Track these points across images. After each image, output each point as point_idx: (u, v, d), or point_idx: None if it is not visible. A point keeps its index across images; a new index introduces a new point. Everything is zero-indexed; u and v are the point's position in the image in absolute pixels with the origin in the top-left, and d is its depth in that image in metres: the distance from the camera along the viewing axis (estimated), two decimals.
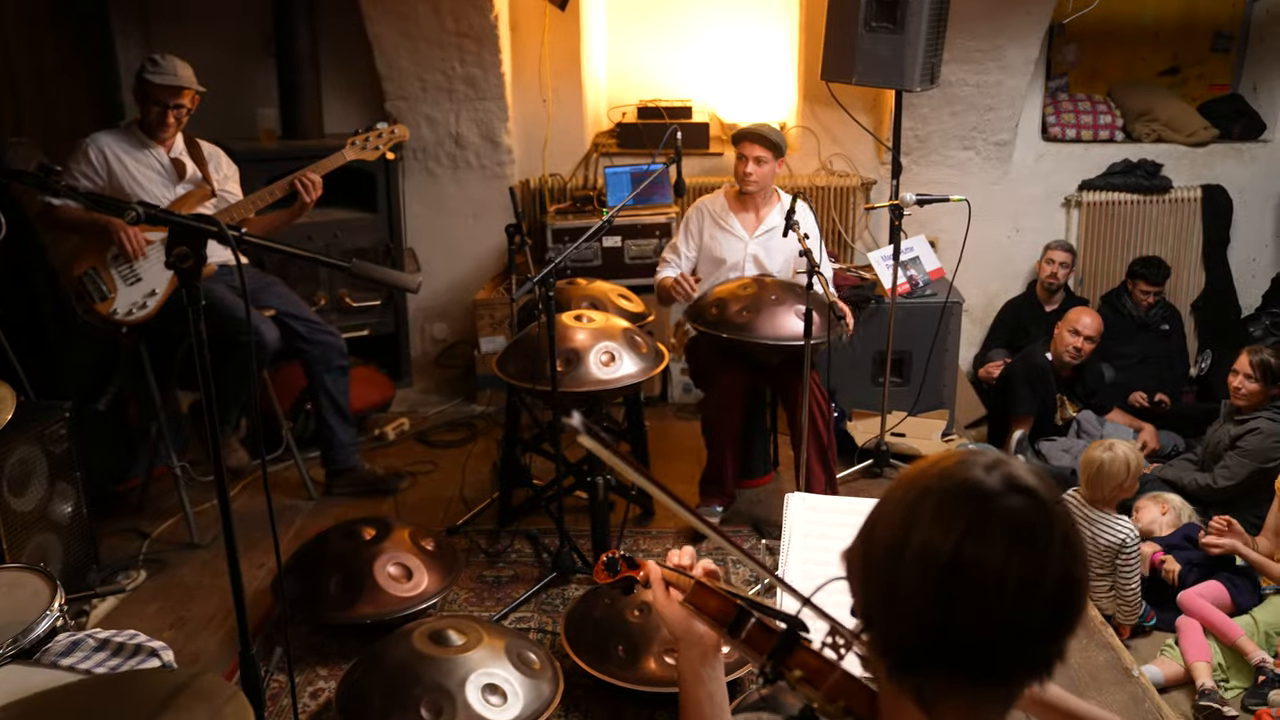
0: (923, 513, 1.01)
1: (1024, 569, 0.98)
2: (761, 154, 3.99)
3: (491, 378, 5.09)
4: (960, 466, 1.04)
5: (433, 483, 4.40)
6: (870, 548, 1.07)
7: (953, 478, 1.03)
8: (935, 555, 0.99)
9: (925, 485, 1.04)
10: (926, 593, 0.99)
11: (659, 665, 2.86)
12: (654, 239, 5.13)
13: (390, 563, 3.27)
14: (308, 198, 3.74)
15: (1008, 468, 1.03)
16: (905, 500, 1.04)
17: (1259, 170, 5.67)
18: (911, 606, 1.01)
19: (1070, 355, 4.69)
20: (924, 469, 1.07)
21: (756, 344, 3.74)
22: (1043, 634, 1.01)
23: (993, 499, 1.00)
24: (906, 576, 1.01)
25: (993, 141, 5.52)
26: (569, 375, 3.45)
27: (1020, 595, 0.98)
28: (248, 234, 1.41)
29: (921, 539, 1.00)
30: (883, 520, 1.07)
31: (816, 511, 2.03)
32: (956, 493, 1.01)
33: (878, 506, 1.10)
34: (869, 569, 1.07)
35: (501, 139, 5.43)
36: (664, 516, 4.11)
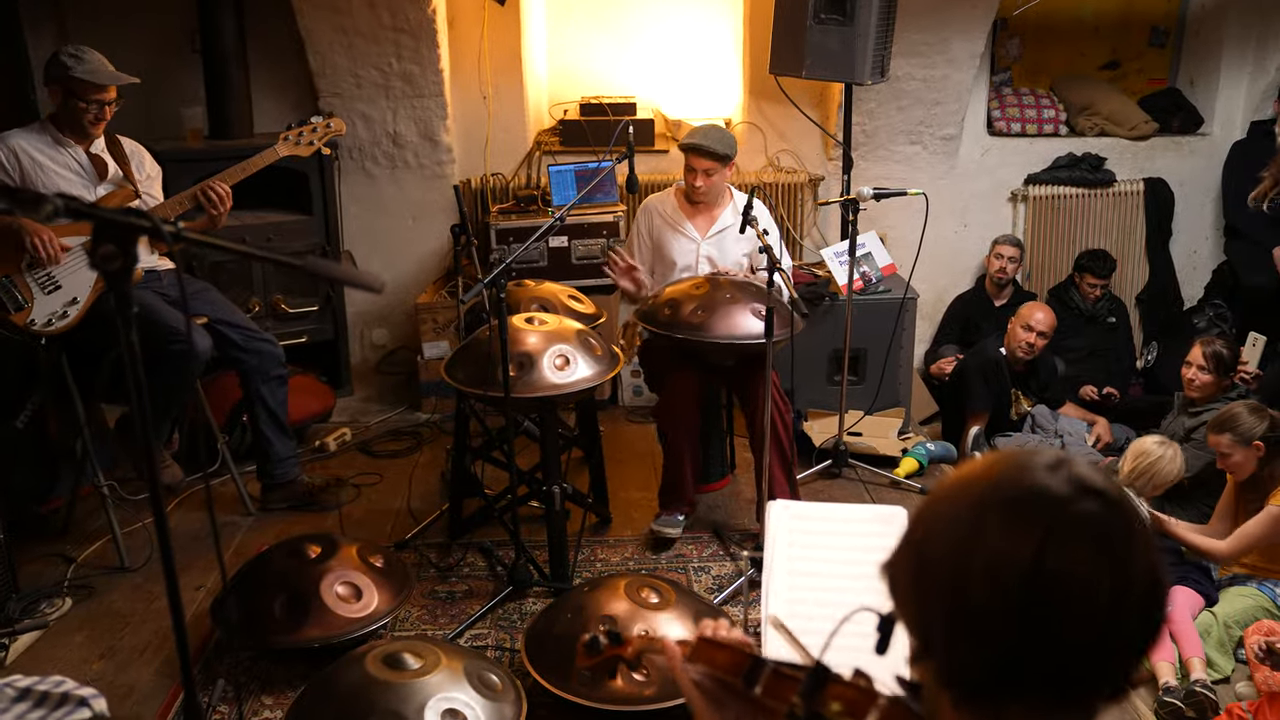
0: (988, 524, 0.92)
1: (1113, 578, 0.90)
2: (710, 166, 3.88)
3: (436, 384, 4.94)
4: (1022, 471, 0.95)
5: (378, 495, 4.22)
6: (925, 564, 0.96)
7: (1017, 484, 0.94)
8: (1012, 570, 0.90)
9: (984, 493, 0.94)
10: (1003, 612, 0.90)
11: (626, 683, 2.73)
12: (601, 238, 5.00)
13: (338, 582, 3.09)
14: (214, 211, 3.52)
15: (1072, 469, 0.95)
16: (963, 510, 0.95)
17: (1198, 163, 5.73)
18: (984, 627, 0.91)
19: (1023, 351, 4.66)
20: (976, 475, 0.97)
21: (713, 344, 3.63)
22: (1130, 646, 0.93)
23: (1066, 505, 0.92)
24: (976, 595, 0.91)
25: (939, 136, 5.49)
26: (522, 380, 3.30)
27: (1112, 606, 0.91)
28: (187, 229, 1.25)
29: (991, 553, 0.91)
30: (937, 533, 0.97)
31: (801, 520, 1.92)
32: (1024, 500, 0.93)
33: (924, 517, 1.00)
34: (924, 588, 0.96)
35: (441, 137, 5.26)
36: (621, 524, 3.99)
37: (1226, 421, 3.42)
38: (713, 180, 3.93)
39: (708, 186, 3.94)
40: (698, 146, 3.85)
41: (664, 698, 2.69)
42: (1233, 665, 3.32)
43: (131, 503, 3.83)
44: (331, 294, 4.99)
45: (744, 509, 4.13)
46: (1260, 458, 3.41)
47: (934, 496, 1.01)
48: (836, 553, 1.89)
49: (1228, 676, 3.31)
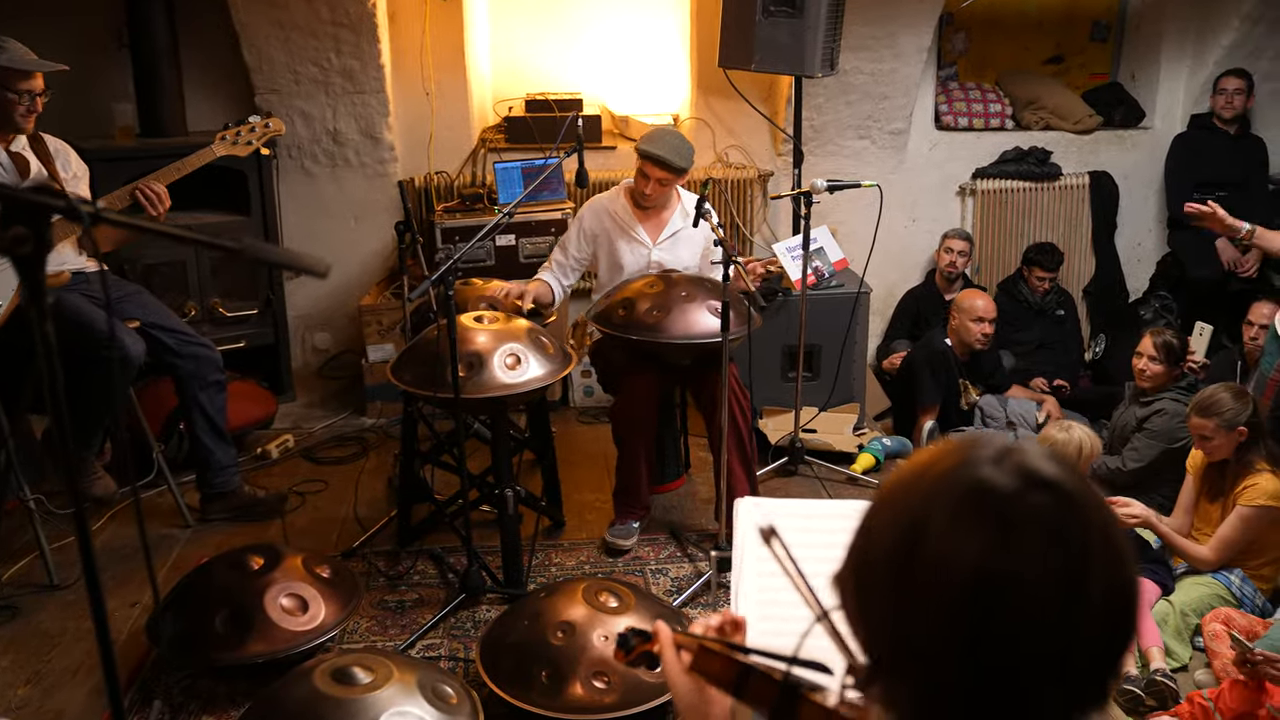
0: (929, 526, 0.83)
1: (1070, 579, 0.81)
2: (665, 177, 3.80)
3: (381, 388, 4.80)
4: (963, 466, 0.85)
5: (323, 503, 4.08)
6: (866, 573, 0.88)
7: (959, 480, 0.85)
8: (954, 576, 0.81)
9: (926, 492, 0.85)
10: (948, 622, 0.81)
11: (586, 690, 2.64)
12: (549, 236, 4.90)
13: (283, 594, 2.96)
14: (154, 211, 3.36)
15: (1019, 457, 0.85)
16: (903, 512, 0.86)
17: (1141, 156, 5.78)
18: (929, 640, 0.82)
19: (980, 343, 4.66)
20: (917, 472, 0.88)
21: (670, 344, 3.56)
22: (1095, 656, 0.84)
23: (1012, 501, 0.82)
24: (919, 605, 0.82)
25: (888, 130, 5.47)
26: (472, 380, 3.20)
27: (1070, 612, 0.81)
28: (106, 211, 1.14)
29: (933, 558, 0.82)
30: (878, 538, 0.88)
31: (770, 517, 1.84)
32: (966, 497, 0.83)
33: (867, 521, 0.91)
34: (867, 599, 0.88)
35: (383, 135, 5.13)
36: (575, 527, 3.90)
37: (1211, 406, 3.40)
38: (665, 190, 3.86)
39: (658, 195, 3.87)
40: (659, 159, 3.74)
41: (625, 705, 2.61)
42: (1190, 653, 3.32)
43: (61, 517, 3.65)
44: (272, 297, 4.84)
45: (700, 509, 4.07)
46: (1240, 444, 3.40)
47: (878, 497, 0.92)
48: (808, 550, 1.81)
49: (1186, 665, 3.31)
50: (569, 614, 2.78)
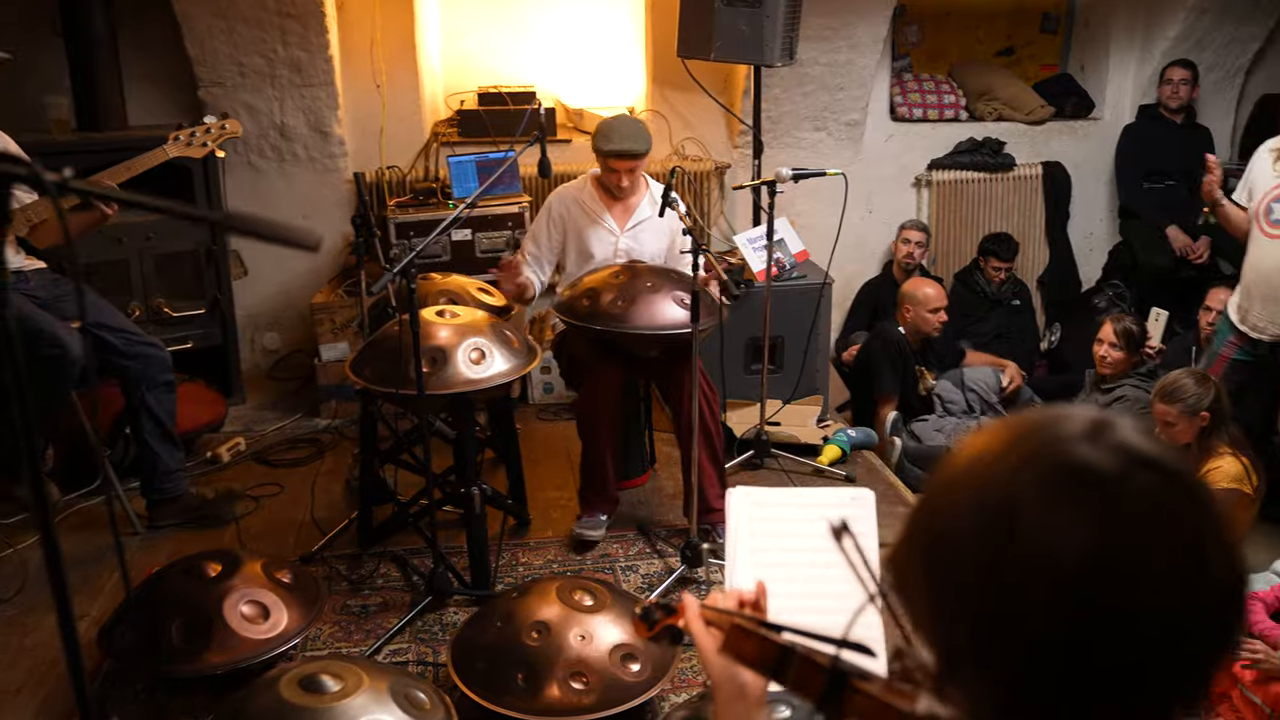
0: (1022, 512, 0.75)
1: (1183, 567, 0.74)
2: (632, 165, 3.75)
3: (336, 388, 4.68)
4: (1054, 443, 0.77)
5: (279, 506, 3.95)
6: (942, 563, 0.80)
7: (1051, 460, 0.77)
8: (1057, 568, 0.73)
9: (1012, 474, 0.77)
10: (1048, 617, 0.74)
11: (564, 692, 2.57)
12: (506, 230, 4.81)
13: (242, 601, 2.83)
14: (108, 209, 3.22)
15: (1115, 434, 0.78)
16: (987, 496, 0.77)
17: (1092, 147, 5.84)
18: (1025, 637, 0.75)
19: (938, 330, 4.67)
20: (995, 451, 0.79)
21: (636, 335, 3.49)
22: (1209, 646, 0.77)
23: (1118, 482, 0.75)
24: (1013, 600, 0.75)
25: (844, 122, 5.46)
26: (435, 376, 3.10)
27: (1183, 601, 0.74)
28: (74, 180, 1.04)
29: (1031, 548, 0.74)
30: (956, 525, 0.79)
31: (763, 507, 1.79)
32: (1063, 480, 0.76)
33: (936, 504, 0.82)
34: (943, 591, 0.79)
35: (332, 129, 5.00)
36: (541, 526, 3.82)
37: (1174, 392, 3.42)
38: (636, 175, 3.81)
39: (632, 182, 3.82)
40: (622, 152, 3.69)
41: (604, 706, 2.54)
42: None
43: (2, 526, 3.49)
44: (219, 296, 4.68)
45: (668, 504, 4.00)
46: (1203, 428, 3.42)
47: (946, 483, 0.83)
48: (803, 540, 1.76)
49: None
50: (543, 614, 2.70)
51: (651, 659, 2.66)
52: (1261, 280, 3.73)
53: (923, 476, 4.43)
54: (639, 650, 2.67)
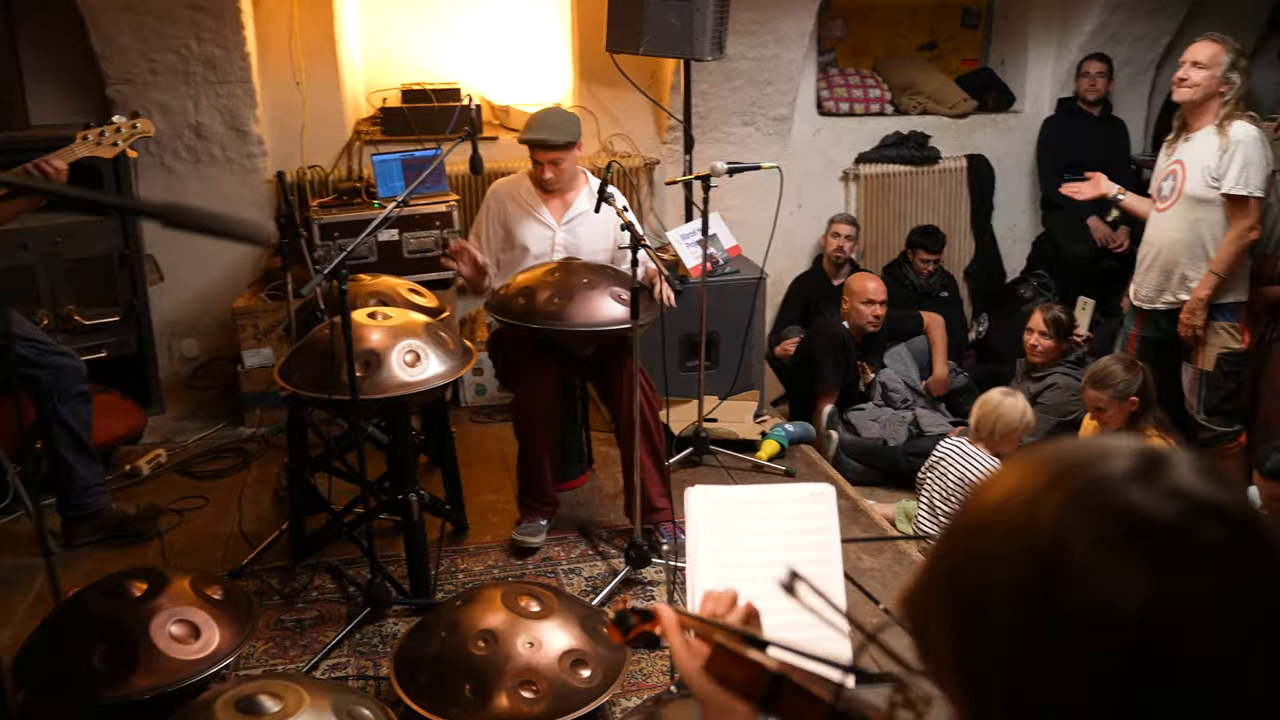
0: (1069, 560, 0.67)
1: (1251, 623, 0.67)
2: (556, 156, 3.68)
3: (261, 395, 4.53)
4: (1103, 485, 0.70)
5: (204, 520, 3.80)
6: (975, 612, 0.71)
7: (1102, 504, 0.69)
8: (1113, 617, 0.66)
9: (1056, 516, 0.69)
10: (1102, 677, 0.66)
11: (513, 701, 2.49)
12: (434, 229, 4.70)
13: (171, 621, 2.70)
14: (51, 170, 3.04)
15: (1170, 476, 0.70)
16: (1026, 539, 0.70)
17: (1014, 140, 5.94)
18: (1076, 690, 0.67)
19: (872, 325, 4.69)
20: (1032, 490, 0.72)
21: (574, 333, 3.43)
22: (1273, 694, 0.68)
23: (1180, 535, 0.68)
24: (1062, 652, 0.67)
25: (772, 117, 5.47)
26: (369, 380, 3.00)
27: (1248, 649, 0.67)
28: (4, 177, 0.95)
29: (1081, 603, 0.67)
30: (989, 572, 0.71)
31: (722, 506, 1.75)
32: (1117, 528, 0.68)
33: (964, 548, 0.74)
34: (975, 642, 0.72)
35: (250, 128, 4.83)
36: (479, 531, 3.73)
37: (1105, 378, 3.49)
38: (562, 168, 3.74)
39: (558, 175, 3.75)
40: (538, 141, 3.64)
41: (556, 714, 2.47)
42: None
43: None
44: (134, 302, 4.49)
45: (607, 505, 3.95)
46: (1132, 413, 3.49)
47: (977, 525, 0.74)
48: (765, 539, 1.73)
49: None
50: (489, 622, 2.63)
51: (602, 664, 2.61)
52: (1150, 254, 3.97)
53: (860, 469, 4.45)
54: (589, 655, 2.61)
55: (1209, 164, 3.70)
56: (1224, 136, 3.66)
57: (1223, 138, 3.66)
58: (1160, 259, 3.90)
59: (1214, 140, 3.69)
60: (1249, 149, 3.60)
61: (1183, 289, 3.84)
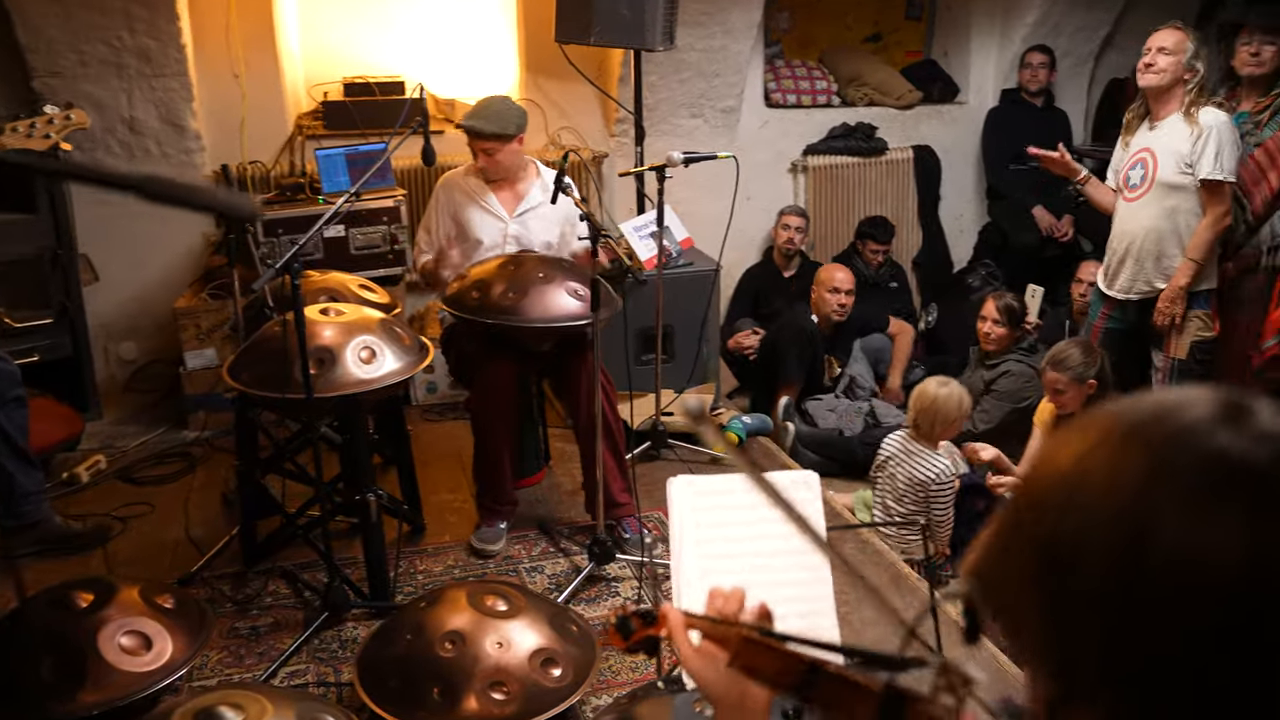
0: (1159, 517, 0.64)
1: None
2: (489, 146, 3.64)
3: (205, 397, 4.40)
4: (1187, 434, 0.66)
5: (149, 527, 3.67)
6: (1058, 578, 0.68)
7: (1187, 453, 0.65)
8: (1210, 573, 0.62)
9: (1139, 470, 0.66)
10: (1203, 637, 0.63)
11: (483, 703, 2.43)
12: (381, 225, 4.60)
13: (120, 632, 2.59)
14: None
15: (1256, 421, 0.67)
16: (1109, 500, 0.66)
17: (959, 130, 5.99)
18: (1171, 658, 0.64)
19: (837, 314, 4.69)
20: (1110, 445, 0.68)
21: (531, 328, 3.37)
22: None
23: (1271, 478, 0.64)
24: (1158, 612, 0.64)
25: (720, 109, 5.44)
26: (323, 378, 2.92)
27: None
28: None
29: (1175, 561, 0.63)
30: (1073, 533, 0.67)
31: (706, 496, 1.71)
32: (1205, 477, 0.64)
33: (1046, 505, 0.70)
34: (1066, 607, 0.68)
35: (187, 122, 4.68)
36: (437, 530, 3.66)
37: (1063, 361, 3.51)
38: (497, 159, 3.68)
39: (492, 165, 3.71)
40: (470, 129, 3.62)
41: (528, 715, 2.42)
42: None
43: None
44: (68, 304, 4.33)
45: (567, 502, 3.90)
46: (1089, 395, 3.52)
47: (1056, 485, 0.70)
48: (750, 528, 1.69)
49: None
50: (456, 623, 2.56)
51: (573, 662, 2.56)
52: (1124, 244, 3.91)
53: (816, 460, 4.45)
54: (559, 654, 2.56)
55: (1181, 150, 3.67)
56: (1194, 123, 3.64)
57: (1193, 124, 3.65)
58: (1135, 248, 3.84)
59: (1184, 127, 3.68)
60: (1221, 133, 3.60)
61: (1159, 276, 3.79)
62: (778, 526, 1.74)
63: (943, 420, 3.58)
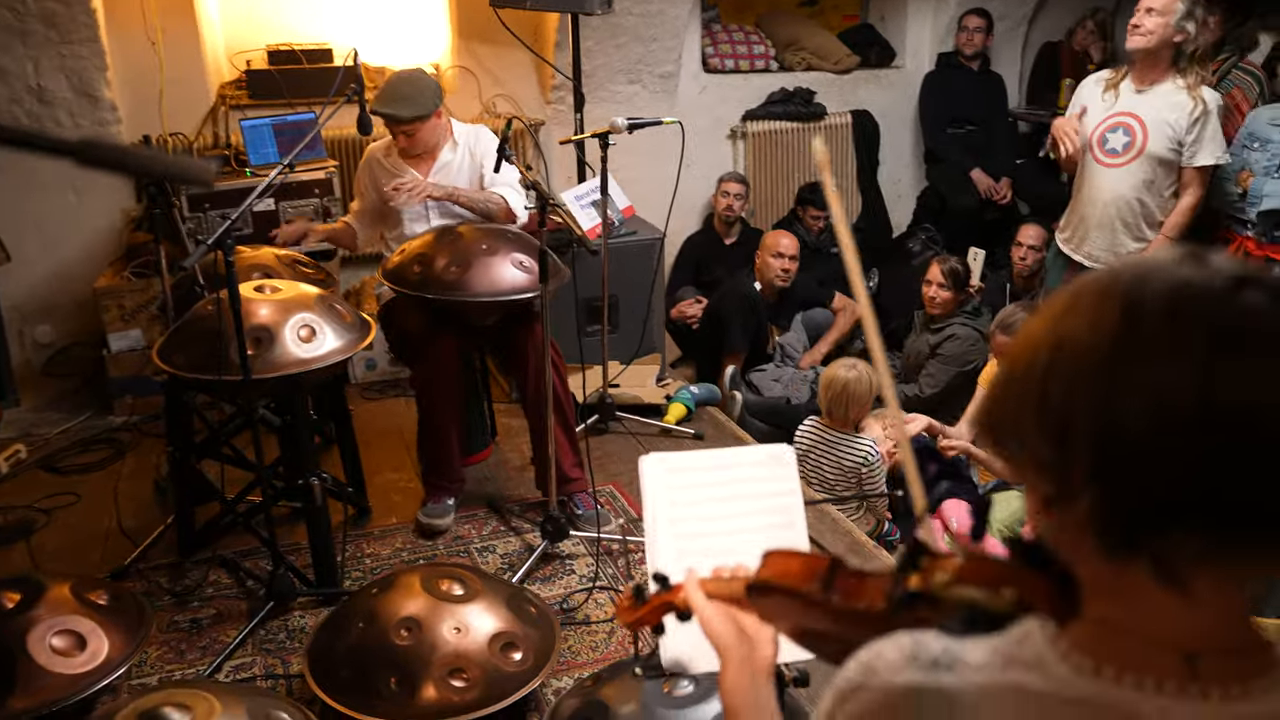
0: (1129, 347, 0.72)
1: None
2: (408, 129, 3.52)
3: (131, 380, 4.22)
4: (1152, 272, 0.74)
5: (76, 518, 3.50)
6: (1055, 407, 0.75)
7: (1153, 288, 0.73)
8: (1179, 398, 0.70)
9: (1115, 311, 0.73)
10: (1173, 446, 0.70)
11: (443, 691, 2.35)
12: (313, 198, 4.43)
13: (51, 632, 2.45)
14: None
15: (1214, 259, 0.75)
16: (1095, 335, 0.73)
17: (897, 95, 5.97)
18: (1149, 462, 0.71)
19: (780, 279, 4.65)
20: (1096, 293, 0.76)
21: (475, 303, 3.26)
22: None
23: (1223, 301, 0.71)
24: (1134, 427, 0.71)
25: (657, 74, 5.35)
26: (261, 358, 2.78)
27: None
28: None
29: (1146, 383, 0.71)
30: (1065, 367, 0.75)
31: (679, 473, 1.64)
32: (1168, 304, 0.72)
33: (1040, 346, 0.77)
34: (1057, 431, 0.75)
35: (101, 92, 4.44)
36: (383, 513, 3.55)
37: (1013, 324, 3.51)
38: (417, 139, 3.57)
39: (413, 145, 3.60)
40: (389, 116, 3.48)
41: (490, 700, 2.34)
42: None
43: None
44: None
45: (515, 478, 3.81)
46: None
47: (1046, 324, 0.78)
48: (725, 505, 1.63)
49: None
50: (410, 609, 2.47)
51: (533, 645, 2.49)
52: (1097, 209, 3.79)
53: (765, 429, 4.42)
54: (519, 637, 2.48)
55: (1177, 125, 3.56)
56: (1195, 100, 3.52)
57: (1194, 101, 3.53)
58: (1110, 216, 3.74)
59: (1182, 100, 3.55)
60: (1217, 117, 3.53)
61: (1131, 245, 3.72)
62: (755, 503, 1.68)
63: (856, 403, 3.59)
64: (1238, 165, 3.75)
